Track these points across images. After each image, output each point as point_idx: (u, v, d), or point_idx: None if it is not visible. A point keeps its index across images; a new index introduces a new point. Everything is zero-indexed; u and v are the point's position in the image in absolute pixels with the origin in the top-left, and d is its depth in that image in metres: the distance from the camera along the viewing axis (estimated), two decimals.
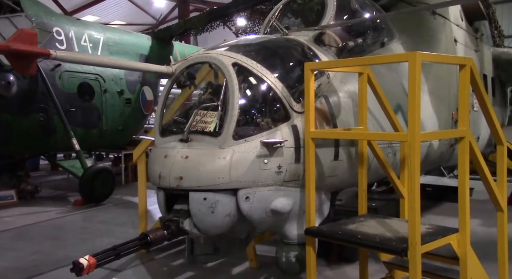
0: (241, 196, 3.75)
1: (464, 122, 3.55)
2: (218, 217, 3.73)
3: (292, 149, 3.93)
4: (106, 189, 10.21)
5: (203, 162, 3.66)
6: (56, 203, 10.42)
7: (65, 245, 7.05)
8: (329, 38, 5.03)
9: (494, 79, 8.68)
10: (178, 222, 3.72)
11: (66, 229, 8.19)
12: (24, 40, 3.47)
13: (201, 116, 3.91)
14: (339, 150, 4.32)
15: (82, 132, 10.94)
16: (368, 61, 3.71)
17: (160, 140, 4.07)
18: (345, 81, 4.65)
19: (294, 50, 4.57)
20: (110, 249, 3.22)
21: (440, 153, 6.23)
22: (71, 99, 10.80)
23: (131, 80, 12.58)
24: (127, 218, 8.73)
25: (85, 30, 11.58)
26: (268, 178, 3.81)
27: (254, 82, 3.98)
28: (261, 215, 3.90)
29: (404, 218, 4.66)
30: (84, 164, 10.11)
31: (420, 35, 6.03)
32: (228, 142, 3.69)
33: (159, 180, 3.79)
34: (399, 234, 3.55)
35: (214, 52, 4.10)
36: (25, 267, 5.92)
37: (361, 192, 4.37)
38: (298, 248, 4.18)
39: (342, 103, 4.51)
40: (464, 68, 3.50)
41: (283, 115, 3.98)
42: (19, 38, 3.45)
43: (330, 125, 4.29)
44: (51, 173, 15.81)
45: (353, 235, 3.60)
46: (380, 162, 4.54)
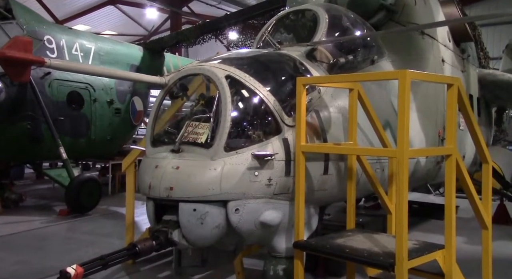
0: (231, 208, 3.76)
1: (451, 140, 3.63)
2: (207, 229, 3.73)
3: (282, 162, 3.96)
4: (92, 199, 10.09)
5: (194, 173, 3.67)
6: (41, 213, 10.24)
7: (48, 255, 6.92)
8: (321, 54, 5.12)
9: (479, 99, 8.88)
10: (167, 233, 3.71)
11: (50, 239, 8.04)
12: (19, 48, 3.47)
13: (193, 127, 3.93)
14: (329, 164, 4.37)
15: (70, 141, 10.84)
16: (359, 77, 3.79)
17: (151, 150, 4.07)
18: (336, 97, 4.73)
19: (286, 64, 4.64)
20: (97, 258, 3.19)
21: (427, 170, 6.32)
22: (60, 108, 10.71)
23: (121, 90, 12.55)
24: (113, 228, 8.63)
25: (76, 39, 11.57)
26: (258, 190, 3.83)
27: (246, 95, 4.03)
28: (250, 227, 3.91)
29: (392, 234, 4.71)
30: (71, 174, 9.99)
31: (409, 54, 6.17)
32: (219, 154, 3.71)
33: (149, 190, 3.78)
34: (387, 249, 3.59)
35: (207, 64, 4.15)
36: (7, 277, 5.80)
37: (350, 207, 4.42)
38: (286, 261, 4.19)
39: (333, 118, 4.58)
40: (452, 88, 3.60)
41: (275, 128, 4.03)
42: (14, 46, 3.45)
43: (320, 139, 4.35)
44: (36, 182, 15.58)
45: (342, 249, 3.62)
46: (369, 178, 4.60)
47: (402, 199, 3.21)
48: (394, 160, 4.88)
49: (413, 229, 8.80)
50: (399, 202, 3.23)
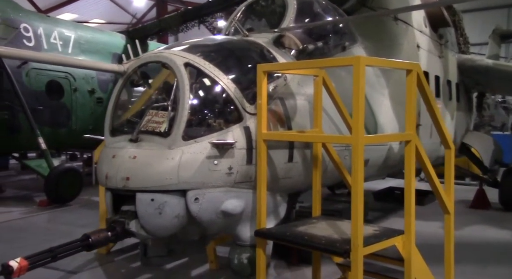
0: (190, 197, 3.72)
1: (410, 126, 3.60)
2: (166, 219, 3.69)
3: (243, 150, 3.92)
4: (73, 190, 10.01)
5: (151, 162, 3.62)
6: (21, 204, 10.16)
7: (23, 247, 6.83)
8: (289, 41, 5.05)
9: (458, 84, 8.86)
10: (124, 223, 3.67)
11: (27, 230, 7.98)
12: None
13: (152, 116, 3.87)
14: (294, 152, 4.34)
15: (50, 131, 10.72)
16: (317, 63, 3.74)
17: (110, 140, 4.01)
18: (303, 84, 4.67)
19: (251, 51, 4.57)
20: (46, 250, 3.14)
21: (401, 156, 6.30)
22: (39, 97, 10.57)
23: (103, 79, 12.39)
24: (92, 219, 8.54)
25: (55, 27, 11.37)
26: (218, 179, 3.79)
27: (205, 83, 3.97)
28: (211, 216, 3.88)
29: None
30: (50, 164, 9.89)
31: (382, 40, 6.11)
32: (177, 143, 3.66)
33: (106, 181, 3.73)
34: (346, 236, 3.57)
35: (167, 51, 4.07)
36: None
37: (315, 194, 4.40)
38: (251, 250, 4.18)
39: (298, 105, 4.53)
40: (411, 73, 3.56)
41: (236, 117, 3.98)
42: None
43: (284, 127, 4.30)
44: (20, 173, 15.46)
45: (301, 237, 3.61)
46: (336, 165, 4.58)
47: (357, 185, 3.18)
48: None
49: (394, 215, 8.85)
50: (354, 188, 3.21)
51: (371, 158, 5.38)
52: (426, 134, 6.72)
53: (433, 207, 8.75)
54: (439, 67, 7.70)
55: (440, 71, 7.71)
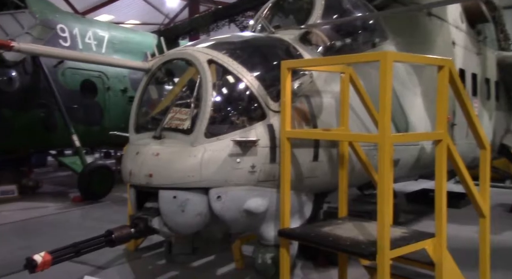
0: (212, 195, 3.69)
1: (441, 124, 3.43)
2: (188, 216, 3.67)
3: (267, 148, 3.85)
4: (104, 186, 10.23)
5: (174, 159, 3.61)
6: (56, 199, 10.49)
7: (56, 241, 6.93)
8: (316, 38, 4.95)
9: (498, 83, 8.46)
10: (147, 220, 3.67)
11: (60, 225, 8.21)
12: None
13: (175, 113, 3.86)
14: (319, 150, 4.23)
15: (83, 129, 11.00)
16: (343, 59, 3.61)
17: (134, 136, 4.04)
18: (330, 82, 4.56)
19: (277, 48, 4.50)
20: (70, 245, 3.18)
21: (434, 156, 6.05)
22: (74, 96, 10.87)
23: (135, 78, 12.59)
24: (122, 215, 8.66)
25: (89, 28, 11.67)
26: (241, 177, 3.74)
27: (229, 80, 3.92)
28: (234, 215, 3.83)
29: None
30: (84, 161, 10.15)
31: (415, 36, 5.90)
32: (199, 140, 3.63)
33: (130, 177, 3.75)
34: (372, 238, 3.44)
35: (191, 48, 4.05)
36: (11, 262, 5.93)
37: (342, 194, 4.27)
38: (275, 249, 4.11)
39: (324, 103, 4.42)
40: (443, 69, 3.39)
41: (259, 114, 3.92)
42: None
43: (309, 125, 4.21)
44: (57, 169, 15.94)
45: (325, 238, 3.50)
46: (363, 164, 4.44)
47: (384, 185, 3.06)
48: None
49: (426, 217, 8.55)
50: (381, 189, 3.08)
51: (402, 158, 5.20)
52: (462, 134, 6.45)
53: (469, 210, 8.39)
54: (477, 64, 7.37)
55: (478, 68, 7.38)
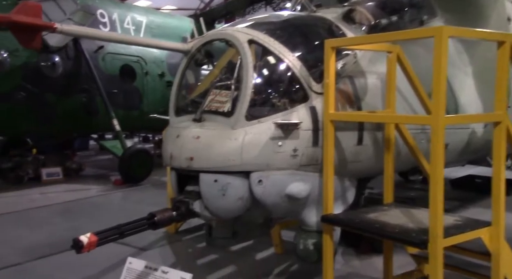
0: (253, 179, 3.60)
1: (500, 105, 3.18)
2: (229, 200, 3.61)
3: (309, 131, 3.71)
4: (144, 170, 10.42)
5: (214, 142, 3.54)
6: (98, 182, 10.79)
7: (99, 222, 7.16)
8: (360, 16, 4.71)
9: None
10: (188, 204, 3.64)
11: (103, 207, 8.44)
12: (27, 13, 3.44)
13: (215, 95, 3.78)
14: (364, 134, 4.06)
15: (123, 113, 11.19)
16: (391, 36, 3.39)
17: (174, 119, 3.99)
18: (375, 61, 4.35)
19: (319, 28, 4.31)
20: (114, 227, 3.20)
21: (485, 141, 5.73)
22: (113, 81, 11.05)
23: (173, 63, 12.66)
24: (161, 198, 8.78)
25: (128, 13, 11.77)
26: (282, 161, 3.63)
27: (270, 61, 3.79)
28: (276, 199, 3.74)
29: None
30: (124, 145, 10.36)
31: (466, 12, 5.51)
32: (240, 123, 3.54)
33: (171, 160, 3.72)
34: (422, 226, 3.27)
35: (231, 28, 3.94)
36: (57, 242, 6.13)
37: (387, 179, 4.09)
38: (317, 235, 3.99)
39: (369, 84, 4.22)
40: (503, 46, 3.13)
41: (301, 96, 3.77)
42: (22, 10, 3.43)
43: (353, 107, 4.03)
44: (99, 153, 16.41)
45: (371, 224, 3.36)
46: (411, 149, 4.22)
47: (436, 170, 2.87)
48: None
49: (474, 205, 8.19)
50: (433, 174, 2.89)
51: (451, 142, 4.92)
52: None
53: None
54: None
55: None
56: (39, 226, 6.98)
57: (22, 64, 9.30)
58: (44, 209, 8.16)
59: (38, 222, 7.33)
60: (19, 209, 8.04)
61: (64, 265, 5.28)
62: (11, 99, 9.14)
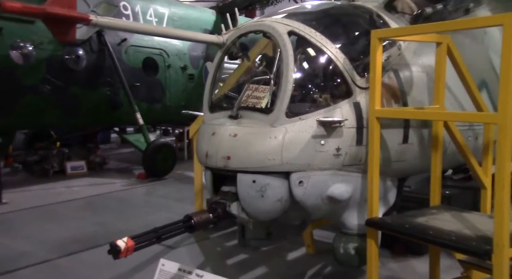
0: (294, 180, 3.38)
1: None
2: (268, 202, 3.40)
3: (353, 129, 3.47)
4: (167, 164, 10.31)
5: (253, 141, 3.33)
6: (122, 176, 10.74)
7: (125, 218, 7.17)
8: (403, 4, 4.42)
9: None
10: (225, 205, 3.44)
11: (128, 201, 8.36)
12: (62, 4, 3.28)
13: (252, 91, 3.56)
14: (409, 131, 3.79)
15: (146, 107, 11.09)
16: (448, 26, 3.09)
17: (209, 116, 3.79)
18: (420, 53, 4.06)
19: (360, 18, 4.03)
20: (150, 231, 3.03)
21: None
22: (136, 74, 10.94)
23: (194, 56, 12.51)
24: (186, 193, 8.71)
25: (150, 5, 11.61)
26: (325, 161, 3.40)
27: (312, 53, 3.54)
28: (317, 201, 3.52)
29: (486, 212, 4.05)
30: (147, 139, 10.26)
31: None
32: (280, 120, 3.32)
33: (206, 159, 3.52)
34: (480, 232, 3.01)
35: (268, 19, 3.70)
36: (85, 238, 6.05)
37: (435, 180, 3.81)
38: (358, 239, 3.77)
39: (415, 78, 3.94)
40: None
41: (344, 91, 3.52)
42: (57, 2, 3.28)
43: (399, 103, 3.76)
44: (121, 146, 16.44)
45: (424, 231, 3.10)
46: (459, 147, 3.93)
47: (504, 172, 2.60)
48: (491, 126, 4.16)
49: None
50: (500, 176, 2.63)
51: None
52: None
53: None
54: None
55: None
56: (66, 221, 6.93)
57: (47, 57, 9.24)
58: (70, 204, 8.13)
59: (64, 216, 7.29)
60: (46, 203, 8.02)
61: (93, 263, 5.18)
62: (36, 92, 9.10)
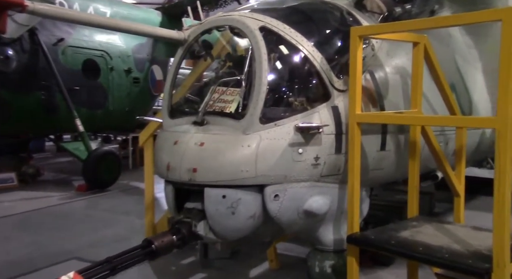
0: (268, 194, 3.00)
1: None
2: (239, 219, 3.00)
3: (332, 136, 3.16)
4: (111, 174, 9.55)
5: (223, 150, 2.91)
6: (59, 188, 9.80)
7: (64, 236, 6.40)
8: (372, 4, 4.21)
9: None
10: (190, 225, 2.98)
11: (67, 217, 7.54)
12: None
13: (219, 94, 3.15)
14: (387, 138, 3.55)
15: (86, 112, 10.26)
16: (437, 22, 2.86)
17: (169, 122, 3.31)
18: (393, 54, 3.86)
19: (331, 14, 3.75)
20: (103, 261, 2.52)
21: (491, 142, 5.41)
22: (75, 77, 10.07)
23: (140, 58, 11.83)
24: (133, 206, 8.05)
25: (90, 3, 10.79)
26: (302, 172, 3.06)
27: (287, 52, 3.20)
28: (292, 216, 3.17)
29: (460, 222, 3.91)
30: (88, 147, 9.45)
31: (474, 3, 5.15)
32: (254, 126, 2.93)
33: (168, 172, 3.04)
34: (472, 248, 2.79)
35: (236, 13, 3.30)
36: (20, 261, 5.29)
37: (412, 189, 3.59)
38: (335, 256, 3.46)
39: (390, 80, 3.72)
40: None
41: (322, 94, 3.21)
42: None
43: (376, 107, 3.51)
44: (56, 155, 15.20)
45: (412, 247, 2.84)
46: (434, 153, 3.76)
47: (505, 183, 2.38)
48: (463, 131, 4.04)
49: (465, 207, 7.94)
50: (501, 188, 2.40)
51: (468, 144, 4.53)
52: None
53: None
54: None
55: None
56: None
57: None
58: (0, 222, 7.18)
59: None
60: None
61: None
62: None
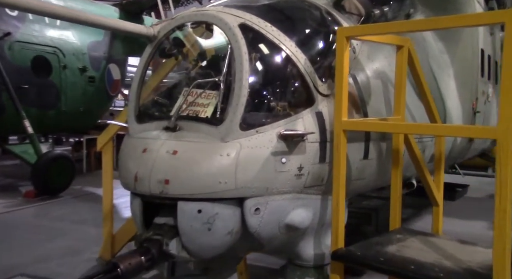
0: (249, 207, 2.72)
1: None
2: (216, 236, 2.70)
3: (316, 144, 2.92)
4: (63, 179, 8.95)
5: (199, 160, 2.60)
6: (4, 194, 9.05)
7: (10, 249, 5.83)
8: (350, 4, 4.04)
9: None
10: (161, 243, 2.65)
11: (14, 227, 6.93)
12: None
13: (194, 97, 2.83)
14: (370, 146, 3.36)
15: (37, 112, 9.58)
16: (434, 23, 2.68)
17: (136, 127, 2.95)
18: (373, 58, 3.70)
19: (311, 14, 3.53)
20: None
21: (461, 148, 5.42)
22: (24, 74, 9.37)
23: (95, 56, 11.21)
24: (88, 214, 7.52)
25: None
26: (285, 183, 2.80)
27: (268, 52, 2.93)
28: (273, 231, 2.90)
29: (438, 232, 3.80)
30: (38, 150, 8.79)
31: (445, 9, 5.13)
32: (233, 133, 2.64)
33: (135, 183, 2.69)
34: (463, 264, 2.64)
35: (213, 9, 3.00)
36: None
37: (395, 200, 3.42)
38: (315, 272, 3.22)
39: (372, 85, 3.54)
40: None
41: (305, 98, 2.97)
42: None
43: (360, 113, 3.32)
44: (1, 158, 14.18)
45: (402, 265, 2.65)
46: (415, 161, 3.62)
47: (507, 197, 2.23)
48: (442, 139, 3.95)
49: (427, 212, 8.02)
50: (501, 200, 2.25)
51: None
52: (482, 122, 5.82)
53: None
54: (490, 45, 6.76)
55: (491, 50, 6.78)
56: None
57: None
58: None
59: None
60: None
61: None
62: None
